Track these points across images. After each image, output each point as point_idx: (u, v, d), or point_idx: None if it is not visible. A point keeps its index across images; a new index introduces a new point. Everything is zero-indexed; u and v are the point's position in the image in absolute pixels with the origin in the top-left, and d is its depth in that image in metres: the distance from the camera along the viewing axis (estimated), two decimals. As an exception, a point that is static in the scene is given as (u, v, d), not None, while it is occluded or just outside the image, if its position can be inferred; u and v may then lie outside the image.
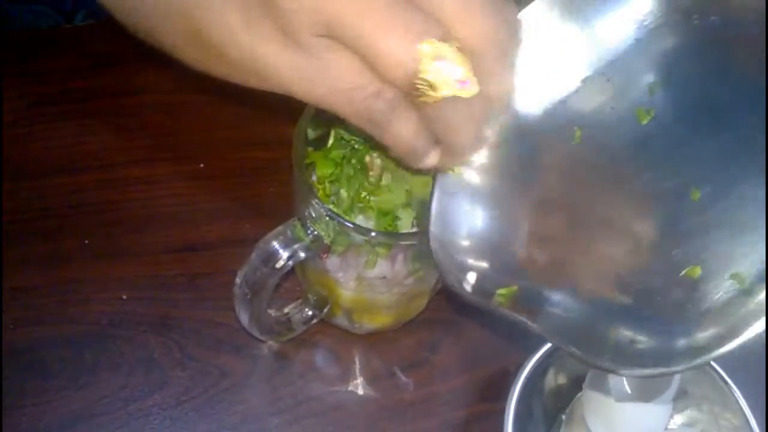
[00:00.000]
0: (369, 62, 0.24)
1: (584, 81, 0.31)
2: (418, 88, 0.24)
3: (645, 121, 0.30)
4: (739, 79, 0.28)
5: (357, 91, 0.24)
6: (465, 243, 0.30)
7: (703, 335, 0.25)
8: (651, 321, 0.27)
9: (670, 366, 0.26)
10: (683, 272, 0.27)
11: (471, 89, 0.24)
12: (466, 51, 0.23)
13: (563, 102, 0.31)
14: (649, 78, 0.30)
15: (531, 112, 0.31)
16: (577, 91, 0.31)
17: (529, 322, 0.28)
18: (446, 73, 0.23)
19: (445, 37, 0.23)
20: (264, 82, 0.26)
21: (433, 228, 0.30)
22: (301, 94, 0.25)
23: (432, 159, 0.28)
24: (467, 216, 0.31)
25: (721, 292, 0.26)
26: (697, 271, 0.27)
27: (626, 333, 0.27)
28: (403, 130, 0.26)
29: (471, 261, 0.30)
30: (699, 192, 0.28)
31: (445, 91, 0.23)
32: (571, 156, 0.31)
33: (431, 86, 0.23)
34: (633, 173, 0.30)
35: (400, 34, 0.23)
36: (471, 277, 0.30)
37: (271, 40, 0.24)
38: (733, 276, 0.26)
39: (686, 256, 0.28)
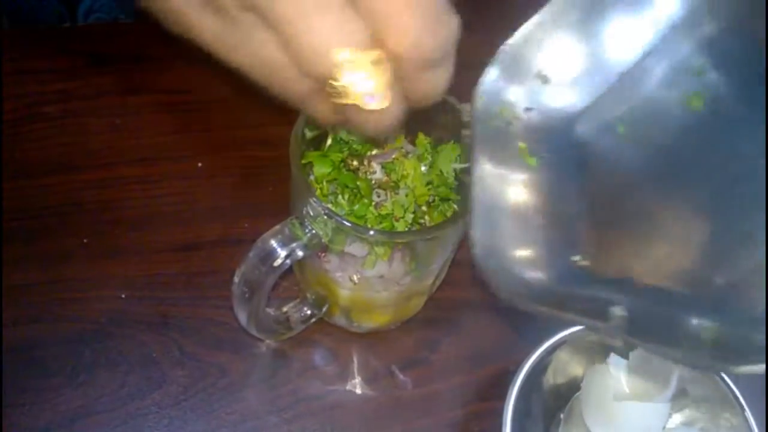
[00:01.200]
0: (289, 51, 0.24)
1: (621, 76, 0.29)
2: (330, 88, 0.24)
3: (697, 105, 0.28)
4: None
5: (276, 71, 0.25)
6: (514, 249, 0.28)
7: None
8: (728, 314, 0.25)
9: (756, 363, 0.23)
10: (760, 259, 0.25)
11: (377, 105, 0.25)
12: (389, 59, 0.24)
13: (601, 99, 0.29)
14: (697, 61, 0.28)
15: (566, 112, 0.30)
16: (614, 87, 0.29)
17: (596, 323, 0.26)
18: (356, 86, 0.24)
19: (368, 43, 0.23)
20: (194, 38, 0.26)
21: (477, 233, 0.28)
22: (224, 58, 0.26)
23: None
24: (514, 221, 0.29)
25: None
26: None
27: (704, 325, 0.25)
28: (320, 111, 0.27)
29: (522, 268, 0.28)
30: None
31: (352, 99, 0.24)
32: (617, 152, 0.29)
33: (342, 91, 0.24)
34: (691, 159, 0.28)
35: (322, 34, 0.23)
36: (525, 287, 0.28)
37: (198, 4, 0.25)
38: None
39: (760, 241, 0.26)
